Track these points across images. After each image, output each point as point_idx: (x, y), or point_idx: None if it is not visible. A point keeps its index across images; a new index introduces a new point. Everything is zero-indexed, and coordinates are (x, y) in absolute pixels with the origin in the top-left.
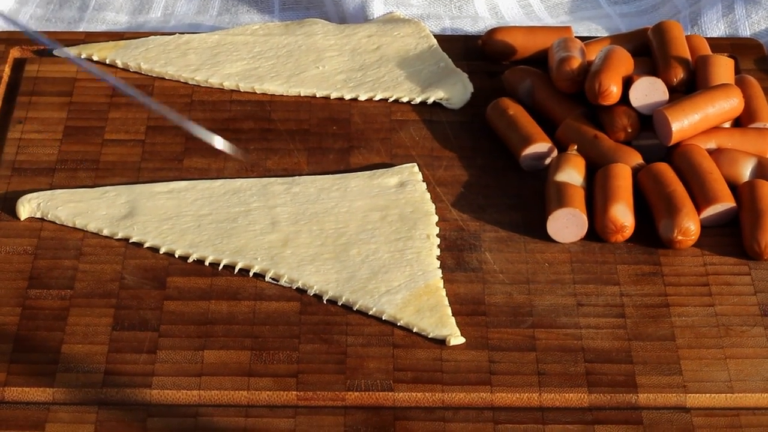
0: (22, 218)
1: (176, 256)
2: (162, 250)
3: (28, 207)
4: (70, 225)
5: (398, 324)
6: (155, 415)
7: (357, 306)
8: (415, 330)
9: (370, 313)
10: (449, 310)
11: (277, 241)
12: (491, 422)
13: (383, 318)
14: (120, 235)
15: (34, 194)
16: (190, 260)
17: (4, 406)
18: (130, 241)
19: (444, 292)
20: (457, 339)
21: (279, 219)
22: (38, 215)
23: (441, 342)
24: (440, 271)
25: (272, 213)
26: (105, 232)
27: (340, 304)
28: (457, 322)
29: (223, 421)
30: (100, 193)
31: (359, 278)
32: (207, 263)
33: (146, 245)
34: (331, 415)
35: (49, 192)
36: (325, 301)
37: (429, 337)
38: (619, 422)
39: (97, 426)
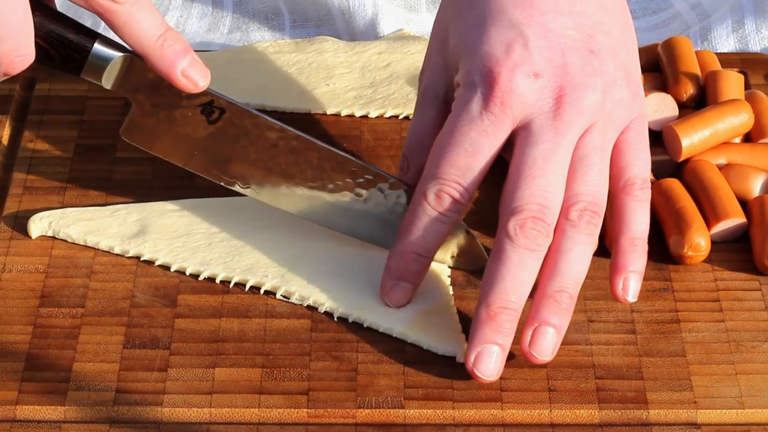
0: (34, 237)
1: (187, 273)
2: (173, 268)
3: (39, 225)
4: (82, 243)
5: (409, 341)
6: None
7: (367, 323)
8: (425, 347)
9: (381, 330)
10: (460, 327)
11: (287, 259)
12: None
13: (393, 335)
14: (131, 253)
15: (46, 213)
16: (201, 278)
17: (16, 425)
18: (141, 259)
19: (455, 309)
20: None
21: (289, 236)
22: (49, 233)
23: (451, 359)
24: (451, 288)
25: (282, 230)
26: (116, 250)
27: (350, 321)
28: (467, 339)
29: None
30: (112, 212)
31: (369, 295)
32: (218, 281)
33: (157, 263)
34: None
35: (60, 210)
36: (335, 319)
37: (439, 354)
38: None
39: None
